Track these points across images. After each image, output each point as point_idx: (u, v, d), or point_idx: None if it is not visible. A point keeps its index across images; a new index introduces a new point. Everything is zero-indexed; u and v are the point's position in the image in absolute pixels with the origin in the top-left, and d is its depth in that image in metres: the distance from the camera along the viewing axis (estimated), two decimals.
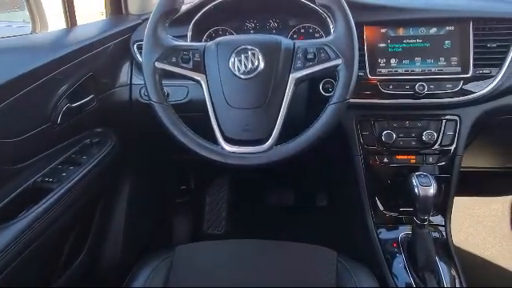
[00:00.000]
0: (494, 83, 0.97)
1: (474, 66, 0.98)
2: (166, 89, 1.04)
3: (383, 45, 1.02)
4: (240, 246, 0.96)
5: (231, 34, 1.13)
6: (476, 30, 0.98)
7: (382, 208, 1.08)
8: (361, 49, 1.01)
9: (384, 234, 1.05)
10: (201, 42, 1.10)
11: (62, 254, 0.95)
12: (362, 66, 1.00)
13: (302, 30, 1.12)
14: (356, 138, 1.06)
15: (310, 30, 1.11)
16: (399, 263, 0.97)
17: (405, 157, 1.05)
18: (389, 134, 1.02)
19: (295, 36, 1.12)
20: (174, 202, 1.60)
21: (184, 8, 1.08)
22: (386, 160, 1.05)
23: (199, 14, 1.05)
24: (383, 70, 1.01)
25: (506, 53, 0.97)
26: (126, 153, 1.15)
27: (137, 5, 1.23)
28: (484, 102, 1.01)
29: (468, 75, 0.98)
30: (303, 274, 0.88)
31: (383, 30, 1.02)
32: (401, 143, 1.04)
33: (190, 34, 1.06)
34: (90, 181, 0.92)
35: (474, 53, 0.98)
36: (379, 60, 1.01)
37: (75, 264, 0.99)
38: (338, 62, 0.76)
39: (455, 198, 1.68)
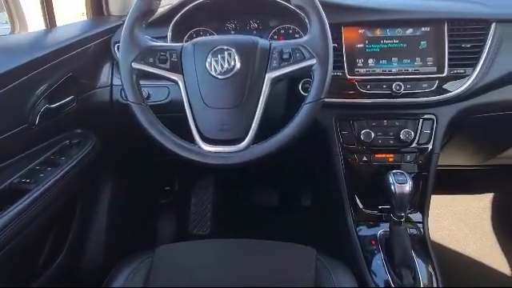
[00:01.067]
0: (469, 83, 0.99)
1: (449, 65, 1.00)
2: (146, 89, 1.06)
3: (361, 45, 1.03)
4: (220, 246, 0.96)
5: (212, 34, 1.13)
6: (451, 30, 1.00)
7: (361, 206, 1.09)
8: (339, 49, 1.02)
9: (363, 232, 1.07)
10: (182, 42, 1.11)
11: (41, 254, 0.95)
12: (340, 66, 1.02)
13: (282, 31, 1.13)
14: (335, 137, 1.07)
15: (290, 31, 1.12)
16: (377, 260, 0.99)
17: (383, 155, 1.06)
18: (367, 133, 1.04)
19: (275, 37, 1.13)
20: (158, 203, 1.60)
21: (164, 9, 1.09)
22: (365, 159, 1.07)
23: (179, 15, 1.06)
24: (361, 70, 1.03)
25: (480, 53, 0.99)
26: (108, 154, 1.14)
27: (118, 6, 1.23)
28: (459, 101, 1.03)
29: (443, 75, 1.00)
30: (283, 272, 0.89)
31: (361, 31, 1.03)
32: (379, 142, 1.05)
33: (169, 34, 1.06)
34: (68, 182, 0.92)
35: (449, 53, 1.00)
36: (357, 60, 1.03)
37: (54, 265, 0.99)
38: (313, 61, 0.78)
39: (437, 196, 1.72)
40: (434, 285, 0.93)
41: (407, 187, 0.91)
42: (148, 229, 1.55)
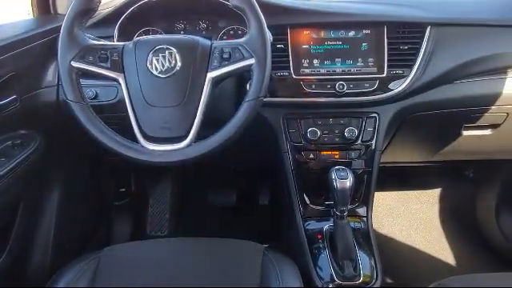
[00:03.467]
0: (406, 83, 1.05)
1: (389, 66, 1.05)
2: (94, 89, 1.06)
3: (306, 46, 1.07)
4: (167, 245, 0.97)
5: (161, 34, 1.13)
6: (389, 33, 1.05)
7: (309, 202, 1.13)
8: (285, 50, 1.06)
9: (310, 227, 1.10)
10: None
11: None
12: (286, 67, 1.05)
13: (232, 32, 1.14)
14: (284, 136, 1.10)
15: (239, 32, 1.14)
16: (323, 254, 1.02)
17: (329, 152, 1.10)
18: (313, 131, 1.08)
19: (225, 37, 1.14)
20: (113, 205, 1.57)
21: (111, 9, 1.08)
22: (311, 156, 1.10)
23: (125, 15, 1.06)
24: (306, 70, 1.06)
25: (416, 55, 1.05)
26: (55, 154, 1.12)
27: (65, 4, 1.20)
28: (399, 100, 1.08)
29: (383, 75, 1.05)
30: (229, 269, 0.90)
31: (306, 32, 1.07)
32: (325, 140, 1.09)
33: (116, 34, 1.06)
34: (8, 183, 0.90)
35: (388, 54, 1.05)
36: (303, 61, 1.06)
37: None
38: (251, 61, 0.80)
39: (391, 192, 1.79)
40: (374, 275, 0.97)
41: (348, 183, 0.95)
42: (103, 231, 1.52)
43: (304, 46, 1.07)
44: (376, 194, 1.72)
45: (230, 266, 0.90)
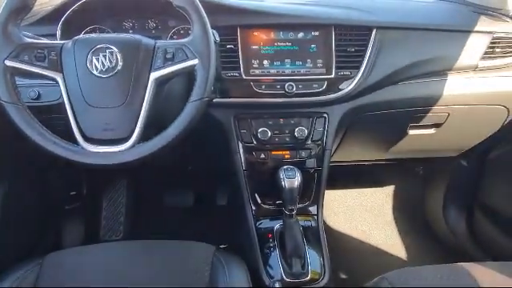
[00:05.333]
0: (353, 84, 1.08)
1: (337, 67, 1.07)
2: (36, 89, 1.01)
3: (256, 47, 1.07)
4: (116, 249, 0.95)
5: (109, 33, 1.10)
6: (337, 35, 1.08)
7: (260, 201, 1.13)
8: (235, 50, 1.06)
9: (262, 226, 1.11)
10: None
11: None
12: (236, 67, 1.05)
13: (182, 31, 1.13)
14: (235, 136, 1.11)
15: (190, 32, 1.13)
16: (273, 253, 1.03)
17: (280, 152, 1.12)
18: (264, 131, 1.08)
19: (175, 37, 1.13)
20: (63, 209, 1.51)
21: (54, 5, 1.04)
22: (262, 156, 1.11)
23: (69, 13, 1.02)
24: (256, 71, 1.07)
25: (363, 56, 1.08)
26: None
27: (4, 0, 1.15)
28: (347, 101, 1.11)
29: (331, 76, 1.07)
30: (178, 270, 0.89)
31: (256, 33, 1.07)
32: (276, 140, 1.10)
33: (59, 32, 1.02)
34: None
35: (336, 56, 1.07)
36: (253, 61, 1.07)
37: None
38: (195, 62, 0.80)
39: (345, 190, 1.83)
40: (323, 272, 0.99)
41: (296, 182, 0.97)
42: (52, 237, 1.46)
43: (254, 47, 1.07)
44: (330, 192, 1.77)
45: (179, 268, 0.90)
